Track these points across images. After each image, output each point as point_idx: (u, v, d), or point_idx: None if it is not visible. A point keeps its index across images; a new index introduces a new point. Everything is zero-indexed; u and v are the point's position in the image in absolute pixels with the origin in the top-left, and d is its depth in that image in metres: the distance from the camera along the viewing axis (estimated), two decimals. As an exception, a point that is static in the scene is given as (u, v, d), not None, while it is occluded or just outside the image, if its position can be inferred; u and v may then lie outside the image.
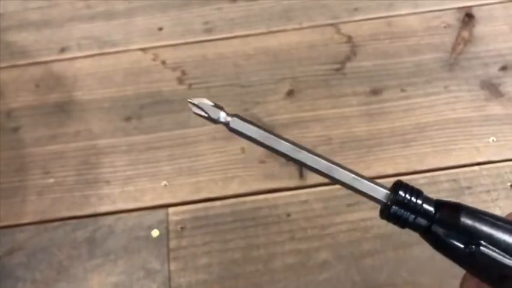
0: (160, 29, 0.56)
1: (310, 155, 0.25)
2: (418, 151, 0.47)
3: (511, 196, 0.44)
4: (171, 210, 0.46)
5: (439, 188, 0.44)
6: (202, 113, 0.25)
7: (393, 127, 0.48)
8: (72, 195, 0.47)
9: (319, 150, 0.48)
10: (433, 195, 0.44)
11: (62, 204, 0.47)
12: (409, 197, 0.25)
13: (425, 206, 0.25)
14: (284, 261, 0.42)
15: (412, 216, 0.24)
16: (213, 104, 0.25)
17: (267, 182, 0.46)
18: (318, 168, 0.25)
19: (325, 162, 0.25)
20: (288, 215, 0.44)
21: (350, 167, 0.49)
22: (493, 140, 0.47)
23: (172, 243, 0.44)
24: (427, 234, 0.25)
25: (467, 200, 0.44)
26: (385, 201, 0.25)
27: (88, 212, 0.46)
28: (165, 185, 0.47)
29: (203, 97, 0.25)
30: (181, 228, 0.45)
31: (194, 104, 0.25)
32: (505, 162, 0.46)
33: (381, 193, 0.25)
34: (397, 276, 0.41)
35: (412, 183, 0.25)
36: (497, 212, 0.43)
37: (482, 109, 0.49)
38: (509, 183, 0.45)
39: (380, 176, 0.45)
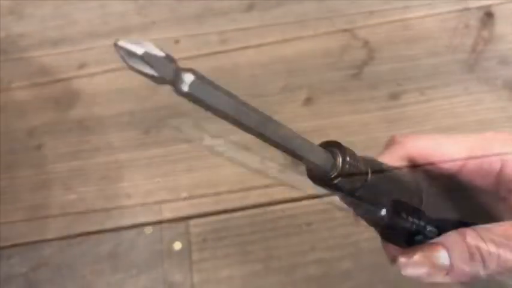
0: (177, 41, 0.56)
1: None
2: (439, 155, 0.46)
3: (538, 199, 0.43)
4: (192, 222, 0.46)
5: (462, 193, 0.43)
6: (144, 68, 0.16)
7: (413, 132, 0.47)
8: (94, 210, 0.48)
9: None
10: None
11: (84, 219, 0.47)
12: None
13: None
14: (306, 272, 0.42)
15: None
16: (162, 53, 0.16)
17: (286, 191, 0.45)
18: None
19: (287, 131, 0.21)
20: (309, 224, 0.44)
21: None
22: (517, 142, 0.46)
23: (195, 256, 0.44)
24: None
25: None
26: (329, 170, 0.23)
27: (110, 227, 0.47)
28: (185, 198, 0.47)
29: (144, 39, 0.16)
30: (203, 240, 0.45)
31: (129, 51, 0.15)
32: (530, 164, 0.44)
33: (325, 158, 0.22)
34: (422, 285, 0.40)
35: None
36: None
37: (505, 110, 0.47)
38: (536, 186, 0.43)
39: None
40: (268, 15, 0.57)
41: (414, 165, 0.28)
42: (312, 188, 0.46)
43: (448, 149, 0.27)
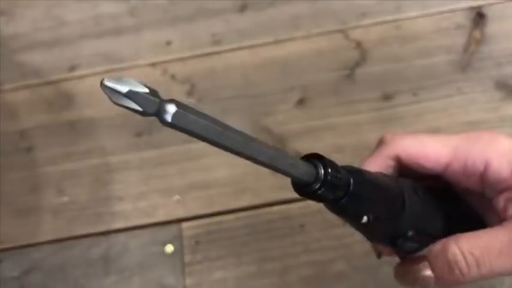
0: (169, 43, 0.56)
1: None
2: (432, 156, 0.46)
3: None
4: (184, 224, 0.45)
5: (455, 193, 0.43)
6: (129, 104, 0.17)
7: (406, 132, 0.47)
8: (86, 213, 0.47)
9: (331, 158, 0.48)
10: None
11: (77, 223, 0.47)
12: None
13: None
14: (299, 274, 0.42)
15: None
16: (145, 89, 0.17)
17: (280, 193, 0.45)
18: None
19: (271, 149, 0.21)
20: (302, 226, 0.44)
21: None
22: (509, 142, 0.46)
23: (187, 258, 0.44)
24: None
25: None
26: (312, 180, 0.23)
27: (102, 229, 0.46)
28: (178, 200, 0.47)
29: (140, 80, 0.17)
30: (196, 242, 0.44)
31: (114, 89, 0.17)
32: (523, 164, 0.45)
33: (307, 171, 0.23)
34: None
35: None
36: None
37: (498, 110, 0.48)
38: (528, 186, 0.44)
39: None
40: (261, 16, 0.56)
41: (397, 171, 0.28)
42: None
43: (433, 149, 0.28)
